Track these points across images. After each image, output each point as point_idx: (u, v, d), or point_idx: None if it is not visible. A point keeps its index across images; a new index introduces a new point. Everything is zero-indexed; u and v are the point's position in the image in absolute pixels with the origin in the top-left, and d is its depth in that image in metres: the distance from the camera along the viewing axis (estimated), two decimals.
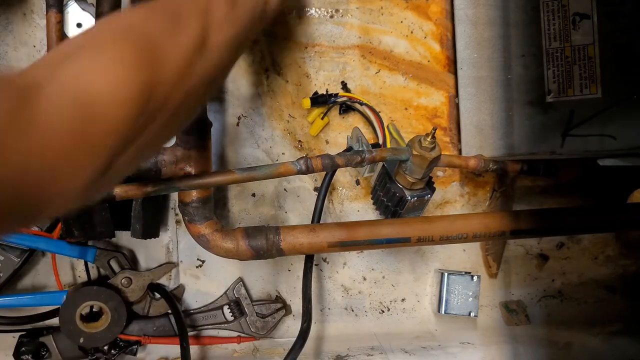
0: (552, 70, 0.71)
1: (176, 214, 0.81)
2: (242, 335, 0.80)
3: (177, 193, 0.71)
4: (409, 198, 0.65)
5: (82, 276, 0.80)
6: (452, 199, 0.84)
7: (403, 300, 0.85)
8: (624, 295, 0.88)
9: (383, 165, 0.68)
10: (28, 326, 0.76)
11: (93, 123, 0.31)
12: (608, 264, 0.88)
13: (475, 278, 0.80)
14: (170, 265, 0.81)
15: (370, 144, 0.72)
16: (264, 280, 0.83)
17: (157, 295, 0.79)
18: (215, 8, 0.42)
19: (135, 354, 0.78)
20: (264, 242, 0.63)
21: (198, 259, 0.82)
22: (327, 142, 0.81)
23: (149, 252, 0.81)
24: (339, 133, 0.81)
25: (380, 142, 0.76)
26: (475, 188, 0.84)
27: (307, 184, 0.82)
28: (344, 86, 0.81)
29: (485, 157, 0.72)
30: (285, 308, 0.81)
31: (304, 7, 0.78)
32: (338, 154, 0.61)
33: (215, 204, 0.79)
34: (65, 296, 0.74)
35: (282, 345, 0.81)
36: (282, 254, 0.64)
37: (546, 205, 0.85)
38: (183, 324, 0.73)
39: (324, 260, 0.84)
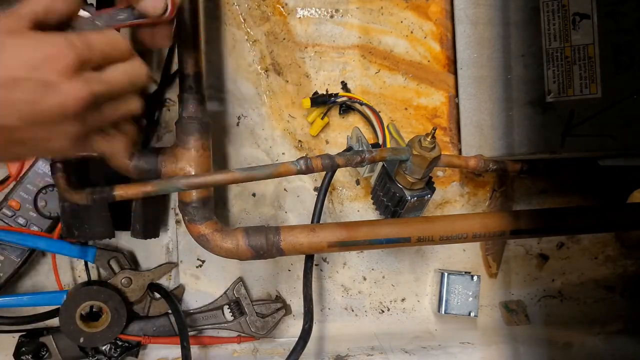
0: (552, 70, 0.71)
1: (176, 214, 0.81)
2: (242, 335, 0.80)
3: (177, 193, 0.71)
4: (409, 198, 0.65)
5: (82, 276, 0.80)
6: (452, 199, 0.84)
7: (403, 300, 0.85)
8: (624, 295, 0.88)
9: (383, 165, 0.68)
10: (28, 326, 0.76)
11: None
12: (608, 264, 0.88)
13: (475, 278, 0.80)
14: (170, 265, 0.81)
15: (370, 144, 0.72)
16: (264, 280, 0.83)
17: (157, 295, 0.79)
18: None
19: (137, 356, 0.78)
20: (263, 242, 0.63)
21: (198, 259, 0.82)
22: (327, 142, 0.81)
23: (149, 252, 0.81)
24: (339, 133, 0.81)
25: (380, 142, 0.76)
26: (475, 188, 0.84)
27: (307, 184, 0.82)
28: (344, 86, 0.81)
29: (485, 157, 0.72)
30: (285, 308, 0.81)
31: None
32: (338, 154, 0.60)
33: (215, 204, 0.79)
34: (65, 296, 0.74)
35: (282, 345, 0.81)
36: (282, 254, 0.64)
37: (546, 205, 0.85)
38: (183, 323, 0.74)
39: (324, 260, 0.84)
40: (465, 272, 0.81)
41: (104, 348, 0.76)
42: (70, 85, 0.40)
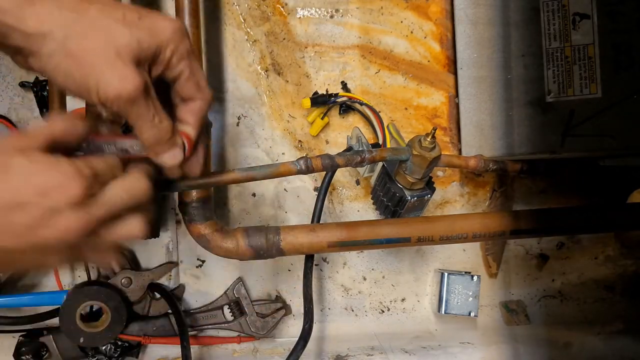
0: (552, 70, 0.71)
1: (176, 214, 0.81)
2: (242, 335, 0.80)
3: (177, 193, 0.71)
4: (409, 198, 0.65)
5: (82, 276, 0.80)
6: (452, 199, 0.84)
7: (403, 300, 0.85)
8: (624, 295, 0.88)
9: (383, 165, 0.68)
10: (28, 326, 0.76)
11: None
12: (608, 264, 0.88)
13: (475, 278, 0.80)
14: (170, 265, 0.81)
15: (370, 144, 0.72)
16: (264, 280, 0.83)
17: (157, 295, 0.79)
18: None
19: (137, 356, 0.78)
20: (263, 242, 0.63)
21: (198, 259, 0.82)
22: (327, 142, 0.81)
23: (149, 252, 0.81)
24: (339, 133, 0.81)
25: (380, 142, 0.76)
26: (475, 188, 0.84)
27: (307, 184, 0.82)
28: (344, 86, 0.81)
29: (485, 157, 0.72)
30: (285, 308, 0.81)
31: None
32: (338, 154, 0.60)
33: (215, 204, 0.79)
34: (65, 296, 0.74)
35: (282, 345, 0.81)
36: (282, 254, 0.64)
37: (546, 205, 0.85)
38: (184, 323, 0.73)
39: (324, 260, 0.84)
40: (465, 272, 0.81)
41: (104, 348, 0.76)
42: (72, 215, 0.38)
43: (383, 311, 0.85)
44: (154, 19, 0.42)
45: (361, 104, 0.78)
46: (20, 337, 0.76)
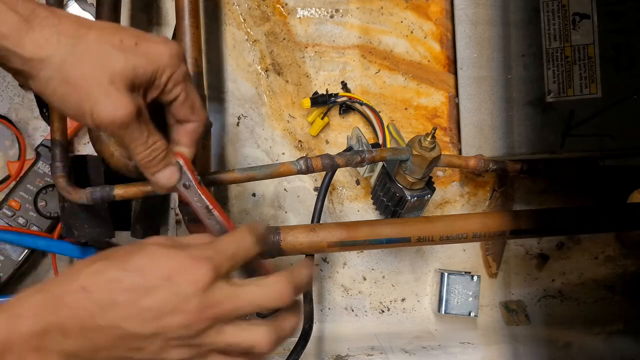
0: (552, 70, 0.71)
1: (176, 214, 0.81)
2: None
3: (177, 193, 0.71)
4: (409, 198, 0.65)
5: None
6: (452, 199, 0.84)
7: (403, 300, 0.85)
8: (624, 295, 0.88)
9: (383, 165, 0.68)
10: None
11: None
12: (608, 264, 0.88)
13: (475, 278, 0.80)
14: None
15: (370, 144, 0.72)
16: None
17: None
18: None
19: None
20: None
21: None
22: (327, 142, 0.81)
23: None
24: (339, 133, 0.81)
25: (380, 142, 0.76)
26: (475, 188, 0.84)
27: (307, 184, 0.82)
28: (344, 86, 0.81)
29: (485, 157, 0.72)
30: None
31: None
32: (338, 154, 0.60)
33: None
34: None
35: (282, 345, 0.80)
36: (282, 254, 0.64)
37: (546, 205, 0.85)
38: None
39: (324, 260, 0.84)
40: (465, 272, 0.81)
41: None
42: (198, 301, 0.38)
43: (383, 311, 0.85)
44: (151, 44, 0.43)
45: (361, 104, 0.78)
46: None
